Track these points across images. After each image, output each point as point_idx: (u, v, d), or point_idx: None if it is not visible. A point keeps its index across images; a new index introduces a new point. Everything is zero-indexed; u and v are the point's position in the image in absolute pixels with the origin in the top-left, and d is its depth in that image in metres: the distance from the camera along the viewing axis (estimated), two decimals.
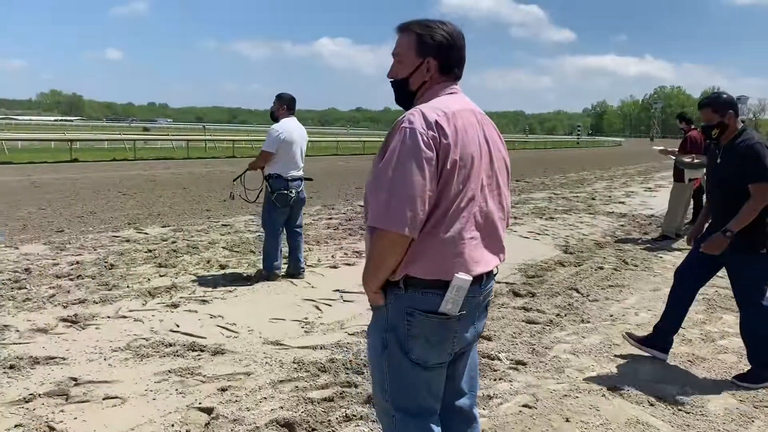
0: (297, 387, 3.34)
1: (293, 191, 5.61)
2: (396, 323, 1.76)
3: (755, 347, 3.60)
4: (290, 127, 5.57)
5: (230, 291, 5.37)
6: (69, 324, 4.33)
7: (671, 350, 3.94)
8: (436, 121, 1.64)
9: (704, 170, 6.69)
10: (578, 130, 78.17)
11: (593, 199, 13.99)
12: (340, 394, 3.24)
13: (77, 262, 6.19)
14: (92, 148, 27.95)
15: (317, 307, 4.99)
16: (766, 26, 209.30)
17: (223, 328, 4.38)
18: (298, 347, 3.99)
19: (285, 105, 5.63)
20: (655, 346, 3.93)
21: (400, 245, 1.63)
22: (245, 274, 5.95)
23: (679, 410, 3.23)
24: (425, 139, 1.61)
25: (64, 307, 4.69)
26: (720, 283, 5.29)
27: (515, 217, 10.59)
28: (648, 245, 8.22)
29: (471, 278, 1.67)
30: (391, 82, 1.88)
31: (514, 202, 12.97)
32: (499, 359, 3.80)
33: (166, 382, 3.39)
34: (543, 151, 47.02)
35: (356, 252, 7.28)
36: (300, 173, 5.72)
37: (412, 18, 1.79)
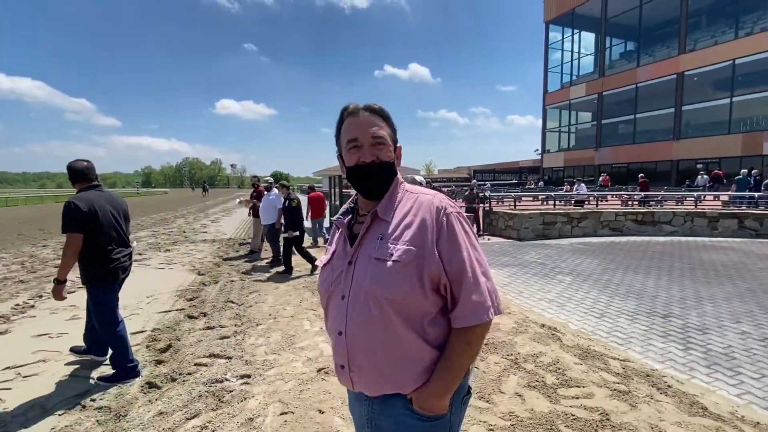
0: None
1: None
2: (455, 421, 1.17)
3: (111, 355, 3.17)
4: None
5: None
6: None
7: None
8: None
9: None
10: (137, 185, 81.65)
11: (185, 232, 12.58)
12: None
13: None
14: None
15: None
16: (234, 127, 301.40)
17: None
18: None
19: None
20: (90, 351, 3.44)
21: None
22: None
23: None
24: None
25: None
26: None
27: (139, 254, 8.71)
28: (247, 259, 8.11)
29: None
30: (370, 165, 1.13)
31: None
32: (227, 380, 3.09)
33: None
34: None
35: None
36: None
37: None
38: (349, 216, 1.27)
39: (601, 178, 23.66)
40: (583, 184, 16.05)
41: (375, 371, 1.11)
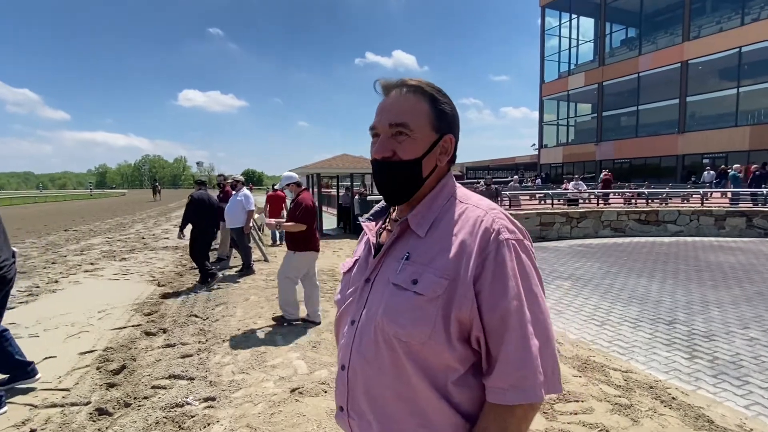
0: None
1: None
2: None
3: None
4: None
5: None
6: None
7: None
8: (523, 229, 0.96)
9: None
10: (90, 186, 79.39)
11: (143, 238, 12.44)
12: None
13: None
14: None
15: None
16: (199, 120, 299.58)
17: None
18: None
19: None
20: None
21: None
22: None
23: None
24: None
25: None
26: None
27: (91, 264, 8.51)
28: (214, 267, 7.93)
29: None
30: (381, 163, 0.97)
31: (78, 250, 10.24)
32: (189, 404, 3.01)
33: None
34: (66, 203, 37.84)
35: None
36: None
37: None
38: (381, 219, 1.11)
39: (602, 175, 24.14)
40: (580, 181, 16.33)
41: (379, 424, 0.94)
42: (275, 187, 11.09)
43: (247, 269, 7.52)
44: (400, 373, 0.91)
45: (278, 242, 10.99)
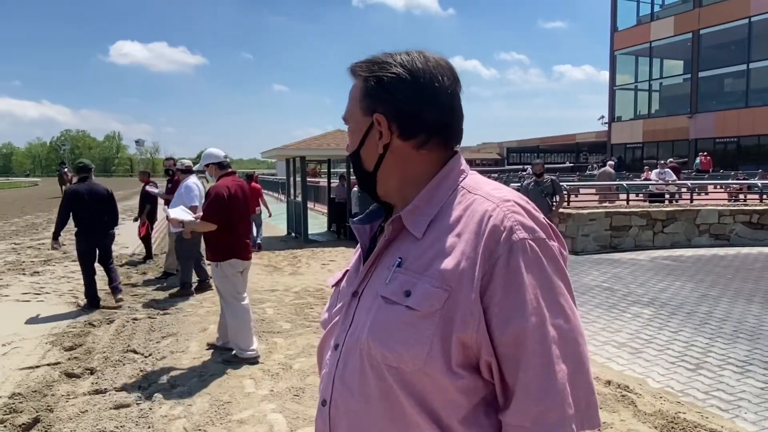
0: None
1: None
2: None
3: None
4: None
5: None
6: None
7: None
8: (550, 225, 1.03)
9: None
10: None
11: (64, 244, 12.71)
12: None
13: None
14: None
15: None
16: (139, 83, 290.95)
17: None
18: None
19: None
20: None
21: None
22: None
23: None
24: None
25: None
26: None
27: None
28: (159, 285, 8.23)
29: None
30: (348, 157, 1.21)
31: None
32: None
33: None
34: None
35: None
36: None
37: None
38: (380, 219, 1.22)
39: (698, 159, 24.06)
40: (668, 169, 16.28)
41: None
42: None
43: (203, 285, 7.58)
44: (393, 407, 0.98)
45: (255, 247, 10.86)
